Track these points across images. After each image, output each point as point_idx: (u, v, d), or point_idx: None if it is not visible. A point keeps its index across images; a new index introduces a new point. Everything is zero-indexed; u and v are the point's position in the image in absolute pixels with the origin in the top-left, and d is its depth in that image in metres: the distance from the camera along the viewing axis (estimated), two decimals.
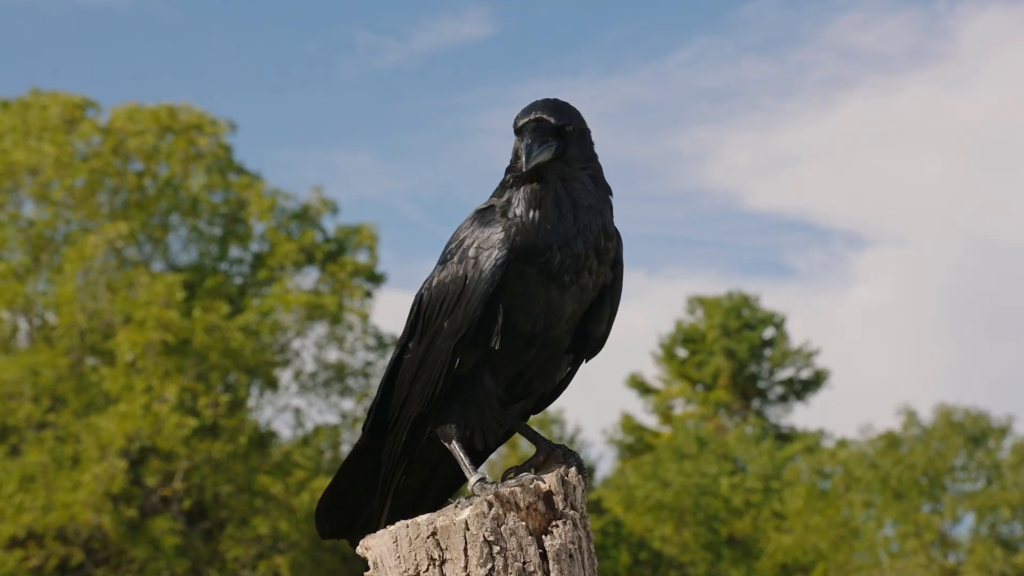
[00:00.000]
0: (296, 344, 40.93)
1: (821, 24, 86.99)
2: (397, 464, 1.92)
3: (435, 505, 1.92)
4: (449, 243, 1.92)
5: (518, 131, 1.93)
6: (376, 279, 41.61)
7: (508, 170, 2.00)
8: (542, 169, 1.90)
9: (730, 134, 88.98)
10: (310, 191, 43.17)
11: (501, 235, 1.84)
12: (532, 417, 2.21)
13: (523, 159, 1.87)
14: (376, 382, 37.31)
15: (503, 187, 1.94)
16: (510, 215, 1.87)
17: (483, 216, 1.90)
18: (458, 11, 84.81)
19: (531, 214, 1.87)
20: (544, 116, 1.91)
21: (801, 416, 62.28)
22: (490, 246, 1.83)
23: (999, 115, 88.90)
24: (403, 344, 1.98)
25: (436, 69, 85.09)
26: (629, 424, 53.90)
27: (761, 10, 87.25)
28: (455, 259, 1.88)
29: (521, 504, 1.26)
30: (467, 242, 1.88)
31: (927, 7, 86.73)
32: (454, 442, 1.86)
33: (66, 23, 76.15)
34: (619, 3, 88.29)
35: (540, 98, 1.94)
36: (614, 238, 1.97)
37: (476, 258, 1.84)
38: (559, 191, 1.88)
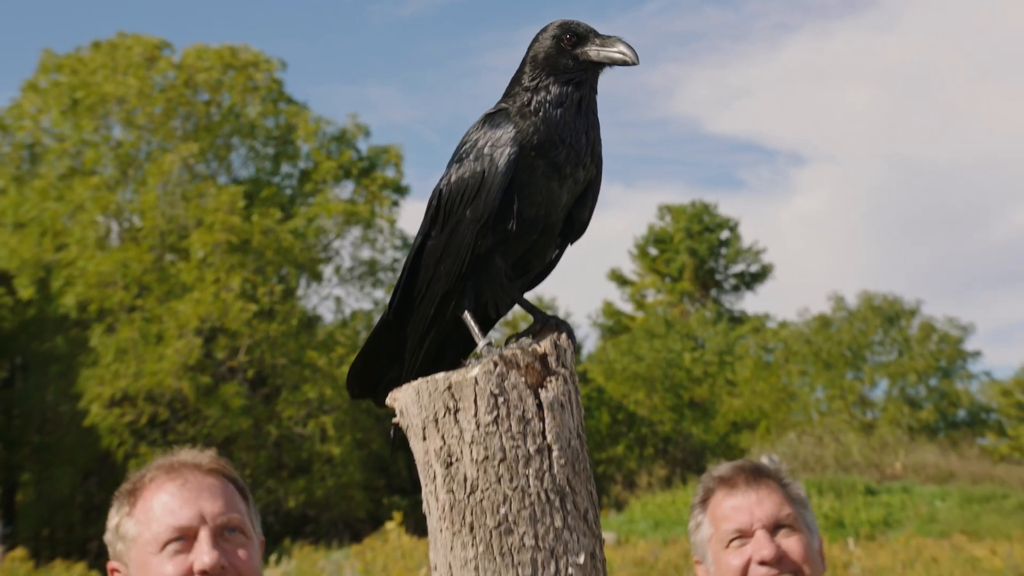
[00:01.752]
0: (336, 244, 41.05)
1: None
2: (424, 335, 1.89)
3: (449, 367, 1.88)
4: (461, 145, 1.91)
5: (583, 36, 1.92)
6: (401, 191, 41.58)
7: (517, 81, 1.96)
8: (593, 75, 1.93)
9: (693, 71, 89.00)
10: (347, 118, 43.15)
11: (512, 134, 1.82)
12: (531, 298, 2.18)
13: (632, 52, 1.87)
14: None
15: (518, 92, 1.91)
16: (531, 113, 1.86)
17: (493, 119, 1.89)
18: None
19: (556, 112, 1.84)
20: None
21: (750, 302, 62.51)
22: (503, 144, 1.81)
23: (915, 54, 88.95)
24: (425, 232, 1.94)
25: (449, 17, 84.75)
26: (610, 310, 54.07)
27: None
28: (471, 157, 1.86)
29: (521, 363, 1.24)
30: (480, 142, 1.86)
31: None
32: (467, 313, 1.84)
33: None
34: None
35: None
36: (599, 139, 1.95)
37: (491, 155, 1.82)
38: (584, 95, 1.90)
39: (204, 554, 1.77)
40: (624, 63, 1.88)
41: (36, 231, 37.85)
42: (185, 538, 1.75)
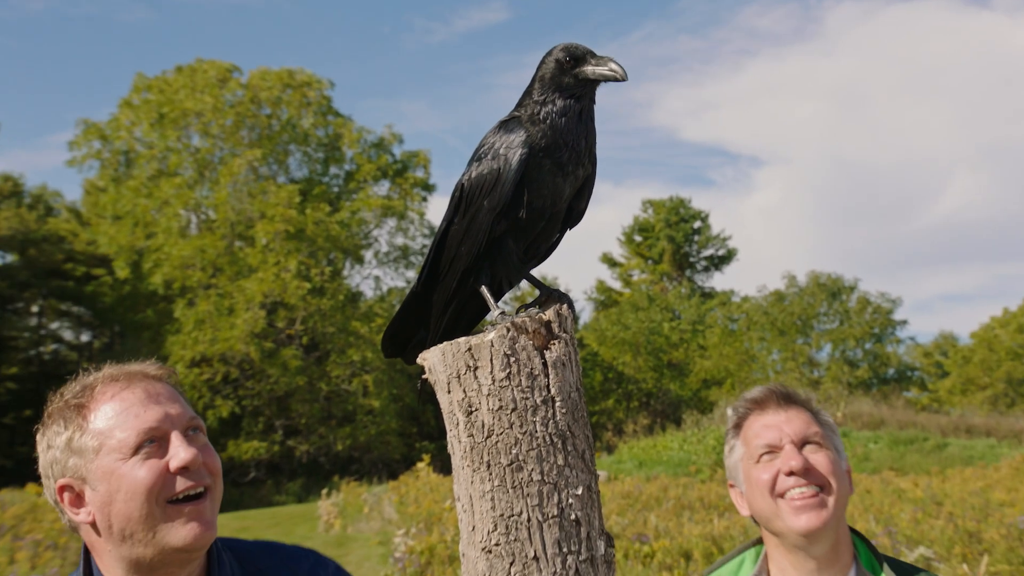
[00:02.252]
0: (375, 233, 41.03)
1: (733, 12, 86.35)
2: (447, 304, 1.88)
3: (466, 331, 1.87)
4: (480, 147, 1.90)
5: (581, 57, 1.90)
6: (429, 188, 41.52)
7: (528, 95, 1.95)
8: (591, 89, 1.91)
9: (670, 88, 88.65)
10: (384, 128, 43.25)
11: (523, 138, 1.81)
12: (536, 274, 2.16)
13: (621, 69, 1.86)
14: None
15: (528, 104, 1.90)
16: (540, 121, 1.86)
17: (508, 125, 1.88)
18: (483, 3, 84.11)
19: (561, 120, 1.84)
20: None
21: (718, 281, 62.24)
22: (516, 146, 1.81)
23: (852, 75, 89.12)
24: (449, 219, 1.93)
25: (469, 44, 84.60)
26: (602, 287, 54.00)
27: (692, 2, 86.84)
28: (489, 156, 1.85)
29: (529, 329, 1.22)
30: (496, 144, 1.85)
31: (804, 1, 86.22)
32: (484, 287, 1.83)
33: (220, 12, 75.41)
34: None
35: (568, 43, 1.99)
36: (595, 142, 1.94)
37: (506, 155, 1.82)
38: (584, 106, 1.88)
39: (181, 450, 1.54)
40: (615, 79, 1.86)
41: (130, 222, 37.98)
42: (155, 440, 1.53)
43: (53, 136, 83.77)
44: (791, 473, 1.97)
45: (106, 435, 1.52)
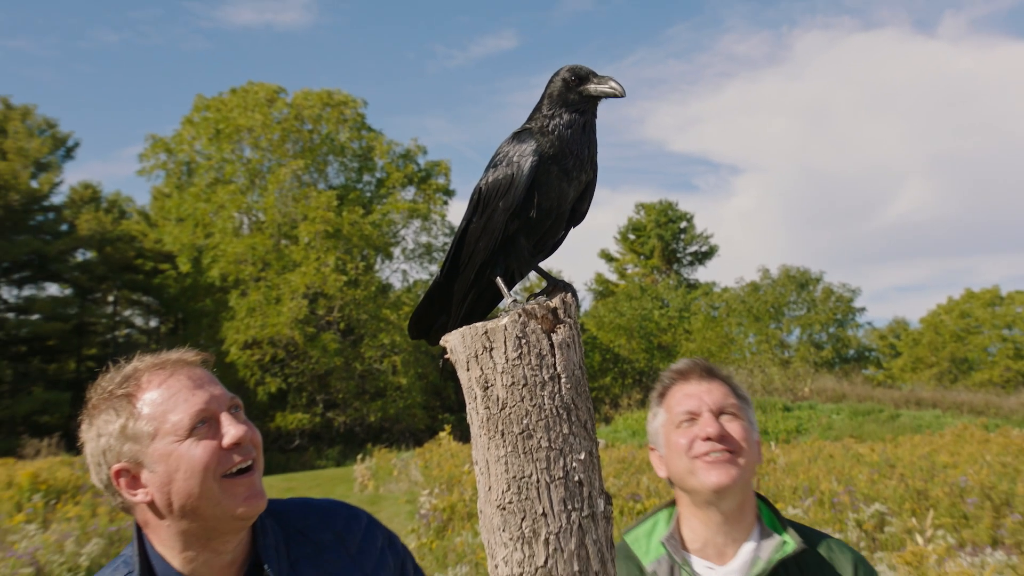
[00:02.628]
0: (402, 232, 40.98)
1: (714, 40, 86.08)
2: (466, 293, 1.88)
3: (484, 317, 1.87)
4: (496, 155, 1.89)
5: (584, 77, 1.86)
6: (449, 193, 41.46)
7: (538, 110, 1.93)
8: (593, 104, 1.88)
9: (660, 106, 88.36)
10: (410, 141, 43.18)
11: (534, 147, 1.80)
12: (544, 267, 2.15)
13: (620, 87, 1.83)
14: None
15: (538, 118, 1.87)
16: (549, 133, 1.83)
17: (520, 136, 1.86)
18: (496, 32, 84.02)
19: (567, 132, 1.82)
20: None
21: (702, 274, 62.11)
22: (527, 155, 1.79)
23: (818, 94, 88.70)
24: (468, 219, 1.92)
25: (484, 68, 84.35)
26: (600, 279, 53.91)
27: (679, 31, 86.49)
28: (503, 163, 1.83)
29: (538, 315, 1.22)
30: (510, 153, 1.83)
31: (776, 29, 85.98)
32: (498, 278, 1.82)
33: (268, 41, 75.41)
34: (594, 26, 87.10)
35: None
36: (596, 151, 1.93)
37: (519, 162, 1.80)
38: (587, 120, 1.86)
39: (232, 428, 1.50)
40: (615, 95, 1.85)
41: (191, 224, 38.07)
42: (206, 421, 1.48)
43: (125, 150, 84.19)
44: (708, 439, 1.93)
45: (160, 420, 1.47)
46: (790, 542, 1.88)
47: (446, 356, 1.63)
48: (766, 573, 1.84)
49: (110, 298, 39.15)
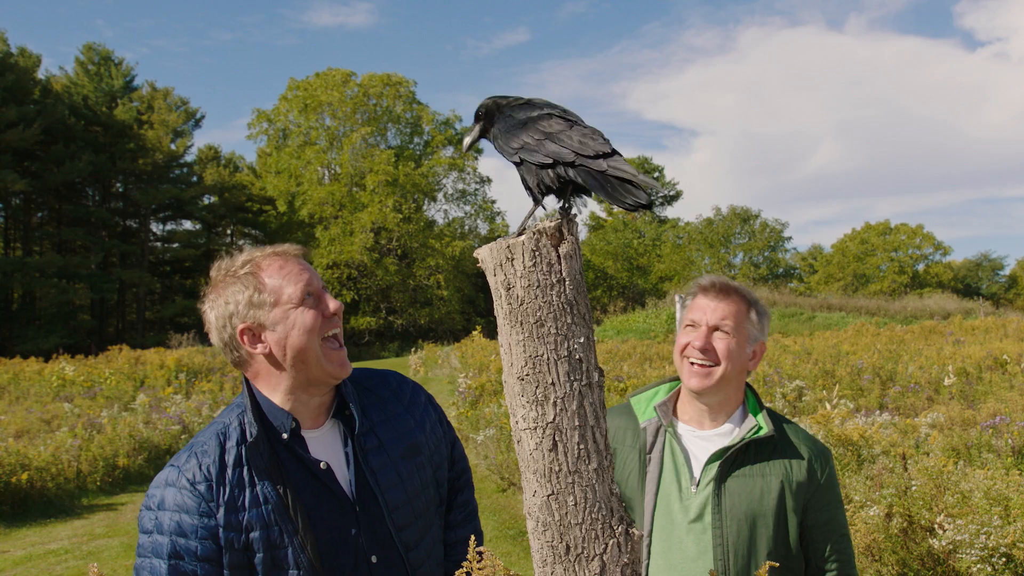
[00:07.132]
0: (443, 181, 40.65)
1: (679, 34, 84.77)
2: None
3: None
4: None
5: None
6: (479, 151, 41.06)
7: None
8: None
9: (638, 84, 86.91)
10: (449, 111, 42.49)
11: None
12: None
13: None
14: (473, 201, 37.06)
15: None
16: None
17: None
18: (513, 29, 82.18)
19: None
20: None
21: (670, 212, 61.28)
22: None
23: (758, 75, 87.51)
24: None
25: (504, 55, 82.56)
26: (593, 216, 53.44)
27: (652, 27, 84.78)
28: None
29: (548, 233, 1.18)
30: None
31: (725, 26, 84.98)
32: (533, 204, 1.61)
33: (342, 36, 74.24)
34: (587, 23, 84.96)
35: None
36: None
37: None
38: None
39: (331, 301, 1.49)
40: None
41: (286, 175, 37.97)
42: (312, 294, 1.47)
43: (238, 120, 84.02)
44: (695, 348, 1.80)
45: (279, 292, 1.47)
46: (764, 427, 1.80)
47: (479, 265, 1.59)
48: (739, 446, 1.77)
49: (228, 231, 39.39)
